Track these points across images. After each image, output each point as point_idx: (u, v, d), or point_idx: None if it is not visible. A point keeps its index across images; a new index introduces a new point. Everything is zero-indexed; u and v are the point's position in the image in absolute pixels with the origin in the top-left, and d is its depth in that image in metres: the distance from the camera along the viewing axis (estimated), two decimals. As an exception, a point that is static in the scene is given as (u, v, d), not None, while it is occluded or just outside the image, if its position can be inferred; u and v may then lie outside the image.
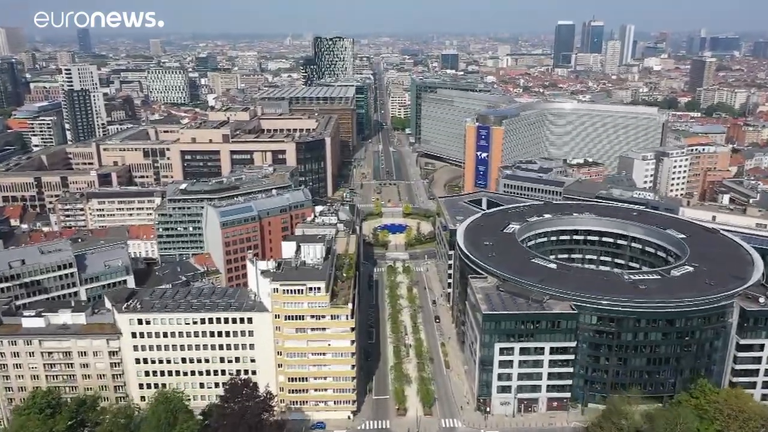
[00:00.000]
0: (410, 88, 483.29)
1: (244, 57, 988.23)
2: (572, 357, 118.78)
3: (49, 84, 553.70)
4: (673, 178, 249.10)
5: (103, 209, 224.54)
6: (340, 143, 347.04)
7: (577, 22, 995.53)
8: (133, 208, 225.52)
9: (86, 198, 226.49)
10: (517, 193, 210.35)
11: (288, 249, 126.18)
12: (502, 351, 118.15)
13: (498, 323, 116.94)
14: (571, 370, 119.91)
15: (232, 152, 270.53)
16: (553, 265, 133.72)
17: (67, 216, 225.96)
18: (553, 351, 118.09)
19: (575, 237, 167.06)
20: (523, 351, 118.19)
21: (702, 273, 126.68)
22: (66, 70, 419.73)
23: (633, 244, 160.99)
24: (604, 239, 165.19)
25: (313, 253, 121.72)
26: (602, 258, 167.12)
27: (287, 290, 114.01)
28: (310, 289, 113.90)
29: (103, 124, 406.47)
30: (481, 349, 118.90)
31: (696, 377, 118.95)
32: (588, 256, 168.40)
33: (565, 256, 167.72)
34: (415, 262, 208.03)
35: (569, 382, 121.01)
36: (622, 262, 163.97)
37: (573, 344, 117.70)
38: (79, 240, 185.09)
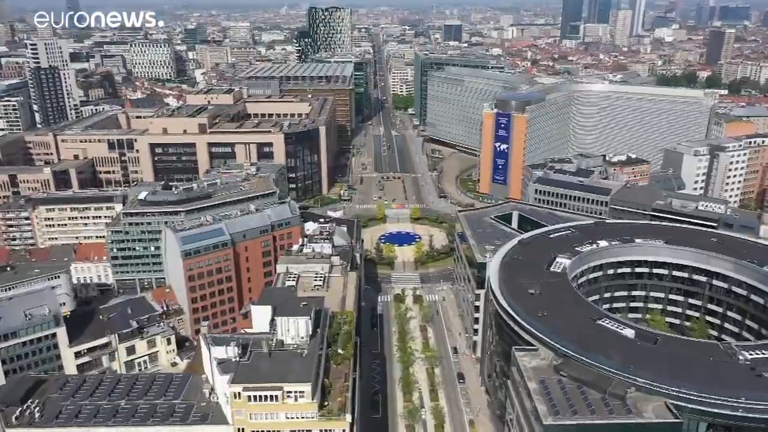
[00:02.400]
0: (413, 63, 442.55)
1: (237, 28, 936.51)
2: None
3: (23, 59, 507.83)
4: (728, 177, 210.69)
5: (52, 218, 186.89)
6: (336, 128, 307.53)
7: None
8: (89, 217, 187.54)
9: (32, 204, 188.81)
10: (553, 202, 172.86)
11: (260, 317, 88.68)
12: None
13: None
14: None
15: (211, 145, 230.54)
16: (629, 333, 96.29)
17: (10, 227, 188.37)
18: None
19: (638, 269, 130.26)
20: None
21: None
22: (31, 44, 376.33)
23: (715, 282, 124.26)
24: (676, 273, 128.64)
25: (294, 330, 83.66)
26: (671, 296, 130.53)
27: (254, 397, 76.83)
28: (289, 394, 76.66)
29: (75, 105, 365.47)
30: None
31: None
32: (653, 294, 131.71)
33: (624, 293, 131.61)
34: (428, 287, 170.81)
35: None
36: (698, 303, 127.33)
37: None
38: (8, 268, 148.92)
